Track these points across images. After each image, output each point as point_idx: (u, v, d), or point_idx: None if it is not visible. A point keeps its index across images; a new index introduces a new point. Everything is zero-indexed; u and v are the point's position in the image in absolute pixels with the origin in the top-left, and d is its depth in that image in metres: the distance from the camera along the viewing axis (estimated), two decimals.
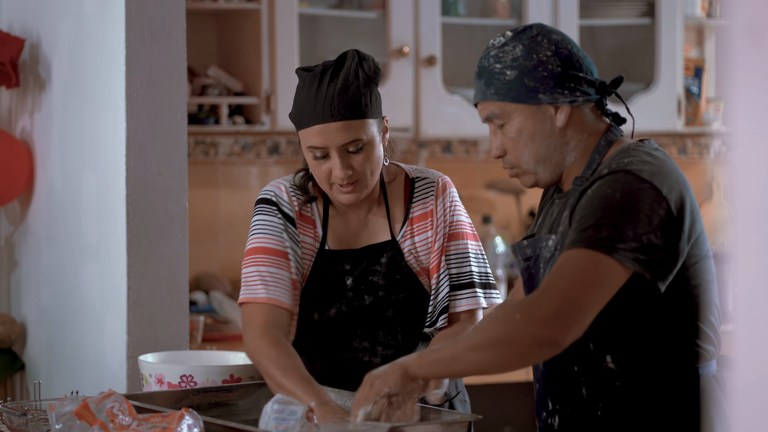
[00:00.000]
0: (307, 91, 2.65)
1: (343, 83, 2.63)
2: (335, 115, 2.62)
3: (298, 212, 2.76)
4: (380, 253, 2.75)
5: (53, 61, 3.89)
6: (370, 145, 2.66)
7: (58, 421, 2.34)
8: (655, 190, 2.29)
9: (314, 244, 2.77)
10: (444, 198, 2.77)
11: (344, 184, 2.66)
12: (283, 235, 2.73)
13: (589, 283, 2.22)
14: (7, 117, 4.21)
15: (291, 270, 2.71)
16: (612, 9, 5.09)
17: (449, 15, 4.87)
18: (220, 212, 4.87)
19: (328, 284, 2.75)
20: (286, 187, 2.78)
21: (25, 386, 4.15)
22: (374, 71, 2.69)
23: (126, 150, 3.45)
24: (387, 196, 2.79)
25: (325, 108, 2.62)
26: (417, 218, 2.76)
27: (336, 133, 2.63)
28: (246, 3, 4.57)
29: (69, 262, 3.79)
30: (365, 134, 2.65)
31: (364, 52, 2.72)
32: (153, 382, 2.85)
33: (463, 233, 2.78)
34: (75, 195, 3.75)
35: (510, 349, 2.22)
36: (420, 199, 2.77)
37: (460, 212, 2.79)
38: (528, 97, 2.39)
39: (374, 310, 2.74)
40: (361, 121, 2.64)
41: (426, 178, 2.80)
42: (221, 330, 4.50)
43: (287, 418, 2.32)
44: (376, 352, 2.74)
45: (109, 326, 3.54)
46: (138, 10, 3.45)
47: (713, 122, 5.25)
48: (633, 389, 2.37)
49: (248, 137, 4.89)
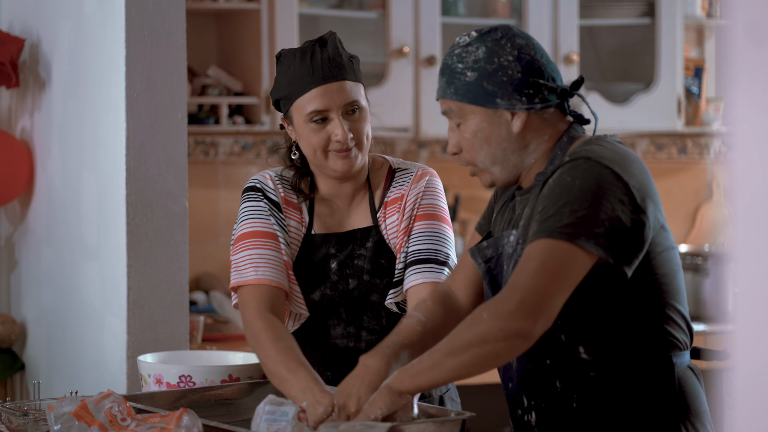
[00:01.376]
0: (300, 62, 2.71)
1: (333, 50, 2.72)
2: (335, 76, 2.69)
3: (284, 198, 2.80)
4: (365, 238, 2.78)
5: (53, 61, 3.89)
6: (365, 111, 2.75)
7: (57, 422, 2.34)
8: (615, 175, 2.29)
9: (300, 228, 2.80)
10: (419, 184, 2.78)
11: (343, 149, 2.70)
12: (271, 218, 2.76)
13: (552, 273, 2.22)
14: (7, 117, 4.21)
15: (281, 250, 2.74)
16: (612, 9, 5.09)
17: (449, 15, 4.87)
18: (220, 212, 4.87)
19: (313, 268, 2.78)
20: (272, 176, 2.82)
21: (25, 386, 4.15)
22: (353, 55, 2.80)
23: (126, 150, 3.45)
24: (371, 184, 2.82)
25: (324, 70, 2.69)
26: (390, 202, 2.79)
27: (337, 93, 2.69)
28: (246, 3, 4.57)
29: (69, 262, 3.79)
30: (361, 97, 2.73)
31: None
32: (152, 383, 2.85)
33: (432, 215, 2.77)
34: (75, 195, 3.75)
35: (483, 348, 2.23)
36: (397, 185, 2.80)
37: (435, 197, 2.79)
38: (485, 100, 2.39)
39: (359, 294, 2.76)
40: (357, 84, 2.73)
41: (407, 169, 2.83)
42: (221, 330, 4.50)
43: (279, 419, 2.32)
44: (361, 337, 2.76)
45: (109, 326, 3.54)
46: (138, 10, 3.45)
47: (713, 122, 5.25)
48: (608, 379, 2.37)
49: (248, 137, 4.89)
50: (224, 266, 4.87)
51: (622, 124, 5.05)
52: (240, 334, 4.41)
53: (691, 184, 5.55)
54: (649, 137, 5.46)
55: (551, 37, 4.91)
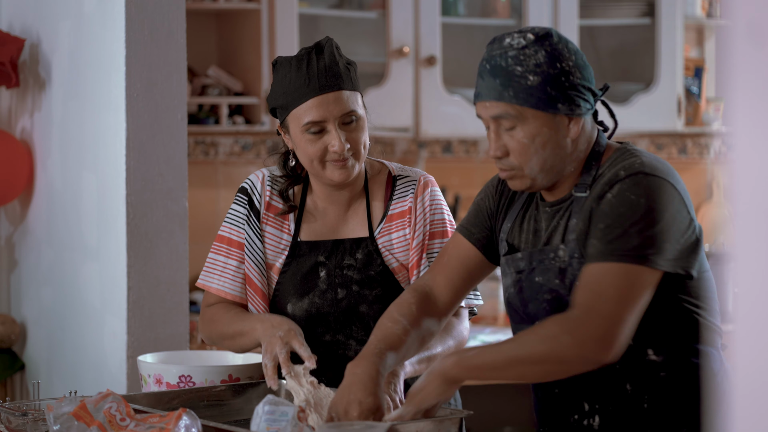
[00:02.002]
0: (296, 71, 2.69)
1: (330, 58, 2.70)
2: (332, 86, 2.67)
3: (267, 203, 2.80)
4: (356, 248, 2.76)
5: (53, 61, 3.89)
6: (362, 121, 2.71)
7: (56, 422, 2.34)
8: (672, 187, 2.34)
9: (282, 236, 2.80)
10: (424, 196, 2.77)
11: (340, 159, 2.68)
12: (244, 226, 2.79)
13: (629, 300, 2.27)
14: (7, 117, 4.21)
15: (244, 261, 2.78)
16: (612, 9, 5.08)
17: (449, 15, 4.87)
18: (220, 212, 4.87)
19: (302, 276, 2.77)
20: (264, 176, 2.83)
21: (25, 386, 4.15)
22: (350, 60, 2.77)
23: (126, 150, 3.45)
24: (368, 192, 2.81)
25: (320, 80, 2.67)
26: (396, 215, 2.77)
27: (334, 104, 2.67)
28: (246, 3, 4.57)
29: (69, 262, 3.79)
30: (358, 107, 2.70)
31: None
32: (152, 383, 2.85)
33: (445, 232, 2.77)
34: (75, 195, 3.75)
35: (557, 367, 2.30)
36: (400, 196, 2.78)
37: (441, 211, 2.79)
38: (548, 105, 2.38)
39: (347, 305, 2.75)
40: (354, 93, 2.70)
41: (408, 177, 2.80)
42: None
43: (279, 419, 2.32)
44: (350, 346, 2.75)
45: (109, 326, 3.54)
46: (138, 10, 3.45)
47: (713, 122, 5.25)
48: (677, 377, 2.41)
49: (248, 137, 4.88)
50: None
51: (622, 124, 5.03)
52: None
53: (691, 184, 5.55)
54: (649, 137, 5.46)
55: None
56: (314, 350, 2.71)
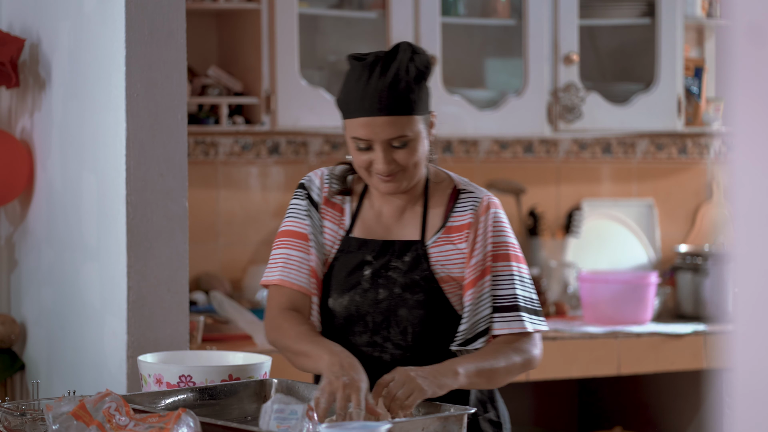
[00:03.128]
0: (356, 81, 2.65)
1: (393, 77, 2.63)
2: (382, 110, 2.62)
3: (326, 198, 2.79)
4: (405, 251, 2.73)
5: (53, 61, 3.89)
6: (415, 141, 2.66)
7: (55, 422, 2.34)
8: None
9: (338, 231, 2.78)
10: (487, 216, 2.72)
11: (385, 175, 2.67)
12: (306, 220, 2.77)
13: None
14: (7, 117, 4.21)
15: (310, 253, 2.75)
16: (612, 9, 5.08)
17: (449, 15, 4.87)
18: (220, 212, 4.87)
19: (347, 272, 2.75)
20: (323, 173, 2.83)
21: (25, 386, 4.15)
22: (426, 66, 2.68)
23: (126, 150, 3.45)
24: (428, 198, 2.77)
25: (372, 101, 2.62)
26: (455, 228, 2.73)
27: (381, 128, 2.63)
28: (246, 3, 4.57)
29: (69, 262, 3.79)
30: (411, 130, 2.64)
31: (417, 46, 2.71)
32: (152, 383, 2.85)
33: (508, 255, 2.72)
34: (75, 195, 3.75)
35: None
36: (461, 210, 2.74)
37: (505, 234, 2.74)
38: None
39: (387, 306, 2.72)
40: (408, 117, 2.64)
41: (472, 193, 2.77)
42: (221, 330, 4.50)
43: (288, 418, 2.32)
44: (386, 349, 2.72)
45: (109, 326, 3.54)
46: (138, 10, 3.45)
47: (713, 122, 5.25)
48: None
49: (248, 137, 4.88)
50: (224, 266, 4.87)
51: (622, 124, 5.04)
52: (240, 334, 4.41)
53: (691, 184, 5.55)
54: (649, 137, 5.46)
55: (551, 37, 4.91)
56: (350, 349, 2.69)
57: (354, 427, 2.27)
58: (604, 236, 5.34)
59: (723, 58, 1.30)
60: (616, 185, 5.44)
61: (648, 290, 4.87)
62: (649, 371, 4.75)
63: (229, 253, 4.88)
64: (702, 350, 4.75)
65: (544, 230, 5.24)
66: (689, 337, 4.74)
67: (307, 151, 4.96)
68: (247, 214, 4.88)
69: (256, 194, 4.90)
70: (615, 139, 5.41)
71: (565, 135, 5.02)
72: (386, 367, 2.68)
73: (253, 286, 4.76)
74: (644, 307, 4.85)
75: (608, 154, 5.43)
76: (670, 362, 4.72)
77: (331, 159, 4.98)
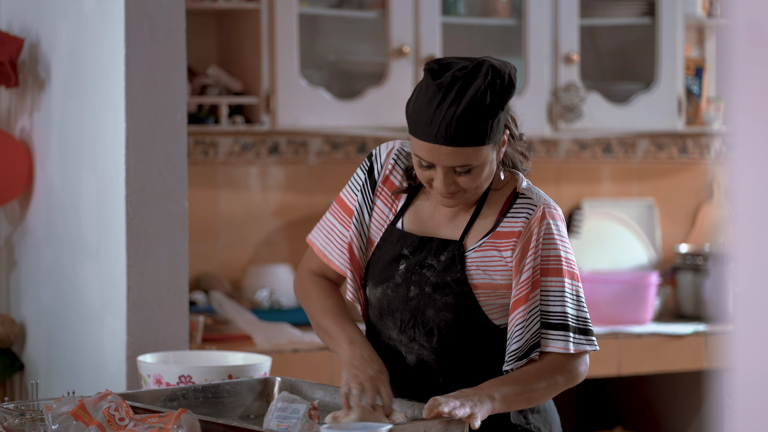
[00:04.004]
0: (428, 101, 2.49)
1: (465, 106, 2.47)
2: (449, 140, 2.47)
3: (386, 176, 2.71)
4: (442, 250, 2.62)
5: (53, 61, 3.89)
6: (480, 168, 2.53)
7: (55, 422, 2.34)
8: None
9: (388, 216, 2.70)
10: (541, 227, 2.56)
11: (444, 195, 2.56)
12: (357, 195, 2.72)
13: None
14: (7, 117, 4.21)
15: (349, 229, 2.70)
16: (612, 9, 5.08)
17: (449, 15, 4.87)
18: (220, 212, 4.87)
19: (384, 263, 2.67)
20: (394, 148, 2.72)
21: (24, 386, 4.15)
22: (507, 90, 2.52)
23: (126, 150, 3.45)
24: (484, 201, 2.63)
25: (440, 129, 2.47)
26: (503, 234, 2.59)
27: (445, 156, 2.50)
28: (246, 3, 4.57)
29: (69, 262, 3.79)
30: (476, 160, 2.51)
31: (501, 63, 2.54)
32: (152, 383, 2.85)
33: (560, 270, 2.57)
34: (75, 195, 3.75)
35: None
36: (514, 215, 2.60)
37: (559, 247, 2.57)
38: None
39: (416, 305, 2.62)
40: (474, 148, 2.50)
41: (530, 199, 2.60)
42: (221, 330, 4.50)
43: (290, 416, 2.32)
44: (412, 350, 2.64)
45: (109, 326, 3.54)
46: (138, 10, 3.45)
47: (714, 122, 5.25)
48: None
49: (248, 137, 4.88)
50: (224, 266, 4.87)
51: (622, 124, 5.04)
52: (240, 334, 4.41)
53: (691, 184, 5.55)
54: (650, 137, 5.46)
55: (551, 37, 4.91)
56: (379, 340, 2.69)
57: (356, 427, 2.27)
58: (605, 236, 5.34)
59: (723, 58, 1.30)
60: (617, 185, 5.43)
61: (648, 290, 4.87)
62: (650, 371, 4.75)
63: (229, 253, 4.88)
64: (702, 350, 4.75)
65: None
66: (689, 337, 4.74)
67: (307, 151, 4.96)
68: (247, 214, 4.88)
69: (256, 194, 4.90)
70: (615, 139, 5.41)
71: (566, 135, 5.02)
72: (409, 369, 2.64)
73: (253, 286, 4.76)
74: (645, 307, 4.85)
75: (608, 154, 5.42)
76: (671, 362, 4.72)
77: (331, 159, 4.98)
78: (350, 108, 4.64)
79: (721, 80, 5.33)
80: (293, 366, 4.15)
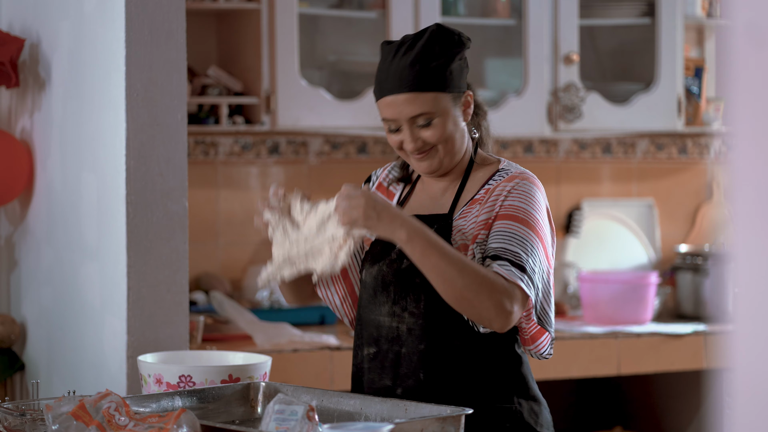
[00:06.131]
0: (382, 62, 2.69)
1: (416, 55, 2.64)
2: (403, 87, 2.64)
3: (380, 183, 2.86)
4: (432, 224, 2.70)
5: (53, 61, 3.89)
6: (442, 119, 2.66)
7: (55, 422, 2.34)
8: None
9: None
10: (510, 184, 2.67)
11: (417, 153, 2.69)
12: None
13: None
14: (7, 117, 4.21)
15: None
16: (612, 9, 5.08)
17: (449, 15, 4.87)
18: (220, 212, 4.87)
19: (382, 244, 2.76)
20: (391, 164, 2.91)
21: (24, 386, 4.15)
22: (456, 42, 2.68)
23: (126, 150, 3.45)
24: (468, 177, 2.76)
25: (394, 80, 2.65)
26: (478, 200, 2.71)
27: (404, 105, 2.65)
28: (246, 3, 4.57)
29: (69, 262, 3.79)
30: (435, 107, 2.65)
31: (451, 27, 2.71)
32: (152, 383, 2.85)
33: (516, 216, 2.64)
34: (75, 195, 3.75)
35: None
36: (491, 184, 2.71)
37: (524, 201, 2.65)
38: None
39: (407, 274, 2.71)
40: (431, 94, 2.65)
41: (508, 171, 2.72)
42: (221, 330, 4.50)
43: (288, 419, 2.32)
44: (403, 319, 2.72)
45: (109, 326, 3.54)
46: (138, 10, 3.45)
47: (713, 122, 5.25)
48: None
49: (248, 137, 4.89)
50: (224, 266, 4.87)
51: (622, 124, 5.05)
52: (240, 334, 4.41)
53: (691, 184, 5.55)
54: (649, 137, 5.46)
55: (551, 37, 4.91)
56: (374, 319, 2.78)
57: (357, 427, 2.27)
58: (604, 236, 5.34)
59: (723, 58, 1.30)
60: (616, 185, 5.44)
61: (648, 290, 4.87)
62: (649, 371, 4.75)
63: (229, 253, 4.88)
64: (702, 350, 4.75)
65: None
66: (689, 337, 4.74)
67: (307, 151, 4.96)
68: (247, 214, 4.88)
69: (256, 194, 4.90)
70: (615, 139, 5.41)
71: (565, 135, 5.02)
72: (402, 338, 2.71)
73: (253, 285, 4.76)
74: (644, 307, 4.85)
75: (608, 154, 5.43)
76: (670, 362, 4.73)
77: (331, 159, 4.98)
78: (350, 108, 4.64)
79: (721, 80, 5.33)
80: (293, 366, 4.16)
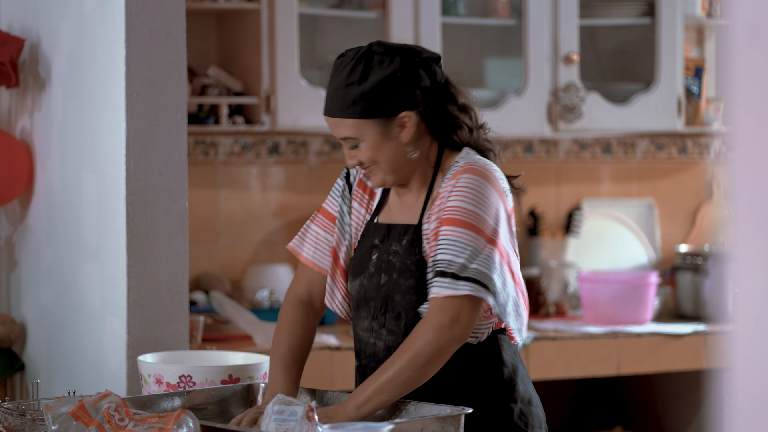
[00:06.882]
0: (328, 79, 2.70)
1: (340, 80, 2.63)
2: (330, 110, 2.67)
3: (360, 180, 2.80)
4: (403, 235, 2.67)
5: (53, 61, 3.89)
6: (367, 143, 2.63)
7: (55, 422, 2.34)
8: None
9: (365, 215, 2.79)
10: (455, 181, 2.61)
11: (354, 169, 2.72)
12: (338, 200, 2.81)
13: None
14: (7, 117, 4.21)
15: (333, 234, 2.79)
16: (612, 9, 5.08)
17: (449, 15, 4.87)
18: (220, 212, 4.87)
19: (360, 257, 2.74)
20: None
21: (24, 386, 4.15)
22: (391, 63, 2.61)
23: (126, 150, 3.45)
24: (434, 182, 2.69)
25: (327, 101, 2.68)
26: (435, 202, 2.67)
27: (333, 127, 2.68)
28: (246, 3, 4.57)
29: (69, 262, 3.79)
30: (357, 133, 2.63)
31: (390, 45, 2.66)
32: (152, 383, 2.85)
33: (452, 219, 2.57)
34: (75, 195, 3.75)
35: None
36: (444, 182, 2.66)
37: (465, 199, 2.58)
38: None
39: (386, 292, 2.67)
40: (352, 121, 2.63)
41: (458, 163, 2.65)
42: (221, 330, 4.50)
43: (287, 419, 2.32)
44: (381, 336, 2.69)
45: (109, 326, 3.54)
46: (138, 10, 3.45)
47: (713, 122, 5.25)
48: None
49: (248, 137, 4.89)
50: (224, 266, 4.87)
51: (622, 124, 5.04)
52: (240, 334, 4.41)
53: (691, 184, 5.55)
54: (649, 137, 5.46)
55: (551, 37, 4.91)
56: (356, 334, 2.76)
57: (357, 427, 2.27)
58: (604, 236, 5.34)
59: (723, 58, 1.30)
60: (616, 185, 5.44)
61: (648, 290, 4.87)
62: (649, 371, 4.75)
63: (229, 253, 4.88)
64: (702, 350, 4.75)
65: (544, 230, 5.24)
66: (689, 337, 4.74)
67: (307, 151, 4.96)
68: (247, 214, 4.88)
69: (256, 194, 4.90)
70: (615, 139, 5.41)
71: (565, 135, 5.02)
72: (379, 355, 2.68)
73: (253, 286, 4.76)
74: (644, 307, 4.85)
75: (608, 154, 5.43)
76: (670, 362, 4.73)
77: (331, 159, 4.98)
78: None
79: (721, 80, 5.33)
80: None
